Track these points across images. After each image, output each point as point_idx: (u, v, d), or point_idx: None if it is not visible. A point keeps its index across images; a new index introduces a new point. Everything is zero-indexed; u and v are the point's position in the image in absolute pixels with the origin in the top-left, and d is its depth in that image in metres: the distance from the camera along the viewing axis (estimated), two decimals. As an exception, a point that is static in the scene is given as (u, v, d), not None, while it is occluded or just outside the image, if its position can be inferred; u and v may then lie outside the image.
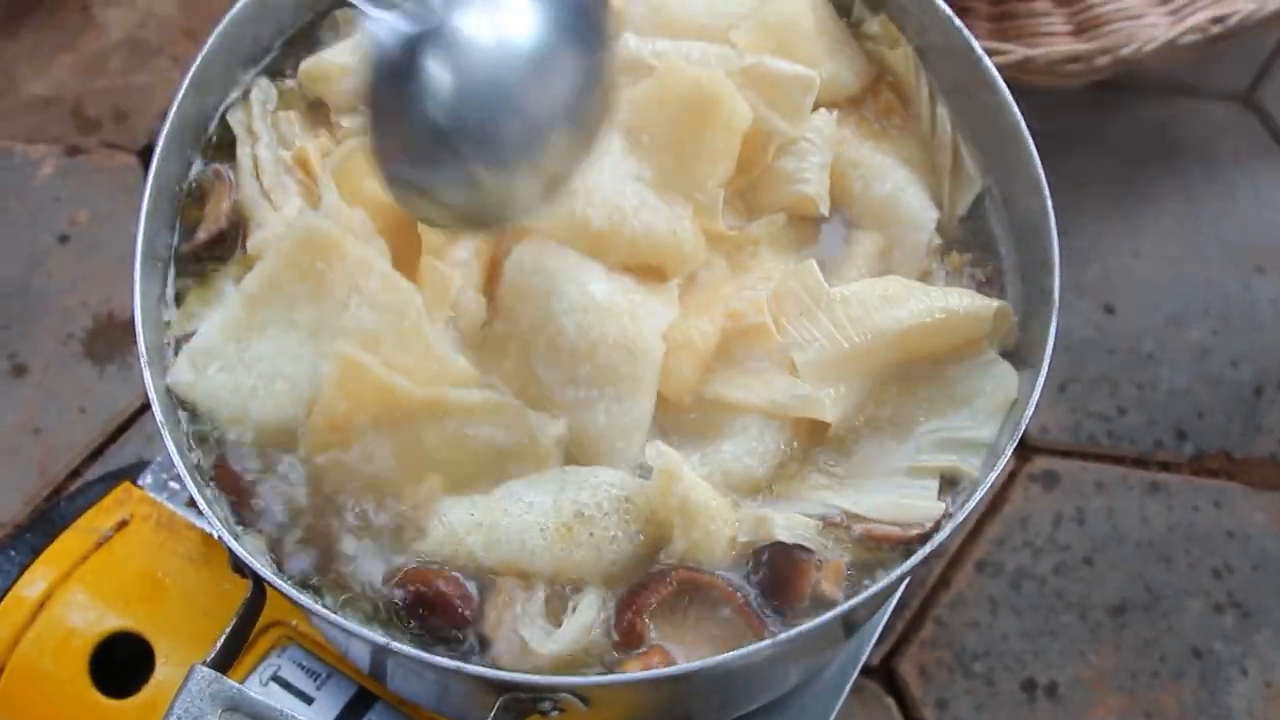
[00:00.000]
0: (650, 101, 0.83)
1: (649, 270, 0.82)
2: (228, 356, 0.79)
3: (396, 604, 0.73)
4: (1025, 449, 1.26)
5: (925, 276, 0.86)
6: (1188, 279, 1.35)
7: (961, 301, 0.81)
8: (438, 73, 0.66)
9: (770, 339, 0.79)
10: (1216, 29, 1.27)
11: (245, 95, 0.90)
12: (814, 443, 0.80)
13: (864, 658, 1.02)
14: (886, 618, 1.04)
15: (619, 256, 0.81)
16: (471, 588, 0.74)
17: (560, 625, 0.72)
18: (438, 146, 0.69)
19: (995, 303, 0.81)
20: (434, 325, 0.78)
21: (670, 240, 0.81)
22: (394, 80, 0.66)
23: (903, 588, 1.05)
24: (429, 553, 0.74)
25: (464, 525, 0.74)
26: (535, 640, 0.71)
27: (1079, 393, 1.29)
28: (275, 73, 0.92)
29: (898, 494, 0.77)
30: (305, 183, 0.86)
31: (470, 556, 0.74)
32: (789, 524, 0.74)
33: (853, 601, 0.71)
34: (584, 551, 0.74)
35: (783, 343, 0.79)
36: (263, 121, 0.88)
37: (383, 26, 0.65)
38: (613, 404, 0.76)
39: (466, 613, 0.72)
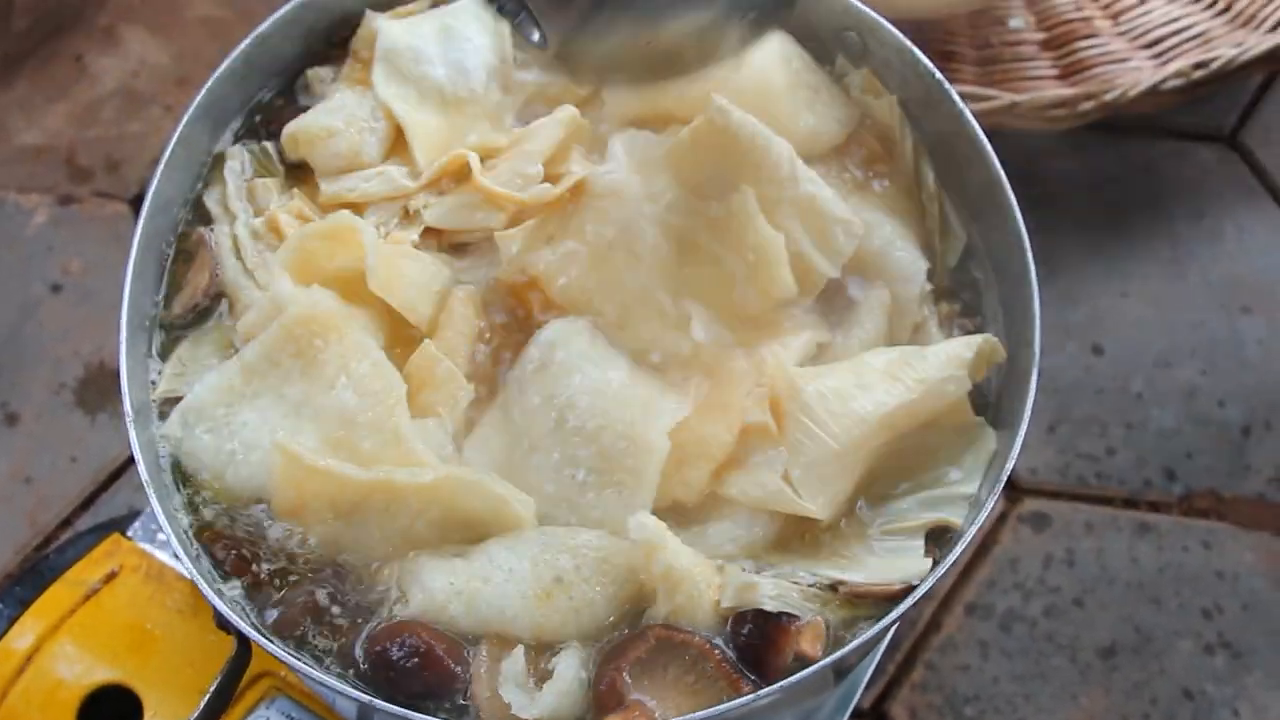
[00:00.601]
0: (710, 228, 0.84)
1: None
2: (216, 419, 0.80)
3: (385, 659, 0.73)
4: (1015, 490, 1.27)
5: (920, 325, 0.88)
6: (1175, 320, 1.36)
7: (936, 369, 0.81)
8: None
9: (770, 438, 0.79)
10: (1199, 73, 1.28)
11: (219, 166, 0.91)
12: (803, 526, 0.80)
13: (854, 701, 1.03)
14: (877, 661, 1.04)
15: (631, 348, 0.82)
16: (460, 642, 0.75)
17: (543, 684, 0.73)
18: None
19: (971, 352, 0.82)
20: (417, 414, 0.80)
21: (671, 354, 0.83)
22: None
23: (892, 632, 1.05)
24: (410, 619, 0.75)
25: (444, 593, 0.75)
26: (518, 705, 0.71)
27: (1068, 433, 1.30)
28: (254, 134, 0.93)
29: (886, 556, 0.78)
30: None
31: (451, 623, 0.75)
32: (776, 591, 0.75)
33: (832, 657, 0.72)
34: (562, 615, 0.74)
35: (779, 443, 0.79)
36: (239, 200, 0.89)
37: None
38: (611, 494, 0.77)
39: (457, 669, 0.73)
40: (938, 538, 0.80)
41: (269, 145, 0.92)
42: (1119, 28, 1.46)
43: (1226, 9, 1.45)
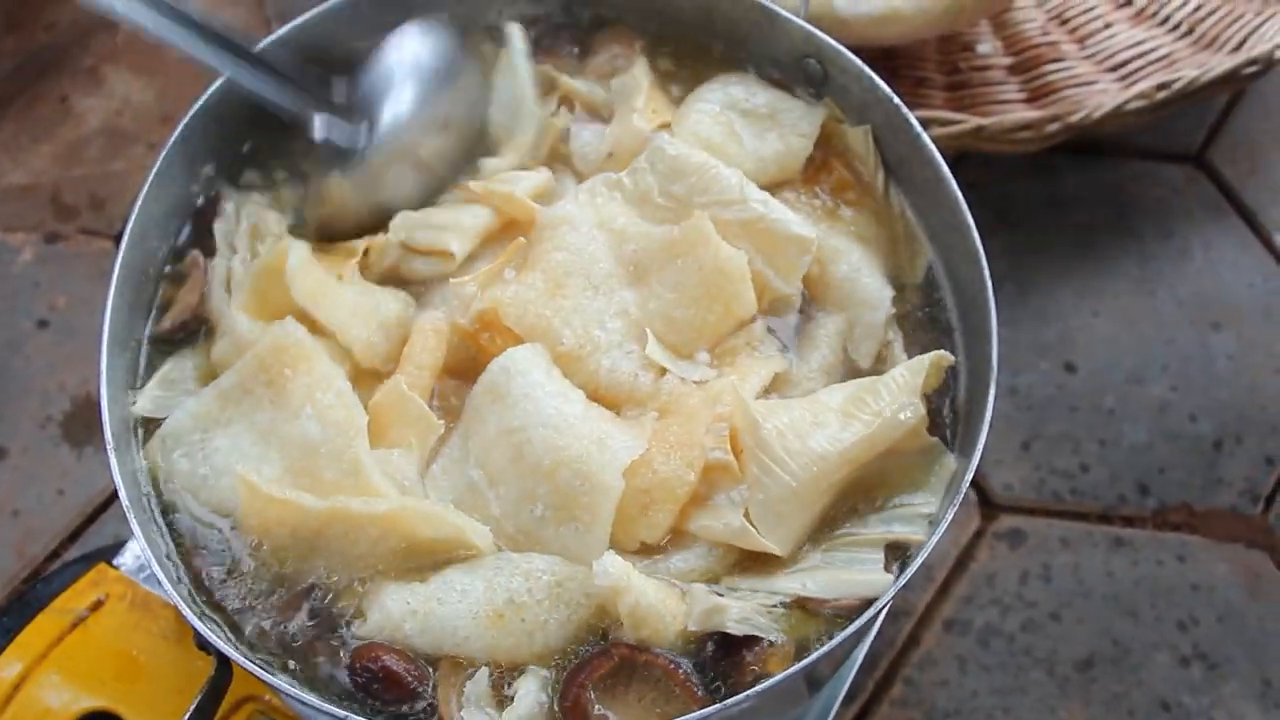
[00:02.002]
0: (666, 252, 0.86)
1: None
2: (192, 444, 0.82)
3: (354, 680, 0.75)
4: (991, 507, 1.28)
5: (885, 348, 0.90)
6: (1146, 337, 1.38)
7: (890, 400, 0.82)
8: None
9: (731, 475, 0.81)
10: (1161, 94, 1.31)
11: (217, 199, 0.93)
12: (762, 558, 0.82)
13: (832, 715, 1.04)
14: (854, 674, 1.05)
15: (578, 381, 0.84)
16: (423, 663, 0.76)
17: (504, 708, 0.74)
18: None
19: (920, 376, 0.83)
20: (387, 446, 0.82)
21: (627, 384, 0.84)
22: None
23: (867, 646, 1.06)
24: (366, 637, 0.76)
25: (400, 612, 0.76)
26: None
27: (1042, 450, 1.31)
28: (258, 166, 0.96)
29: (846, 570, 0.79)
30: None
31: (406, 641, 0.76)
32: (740, 615, 0.76)
33: (795, 668, 0.73)
34: (515, 637, 0.76)
35: (740, 480, 0.81)
36: (243, 239, 0.91)
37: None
38: (568, 530, 0.78)
39: (418, 688, 0.74)
40: (895, 557, 0.81)
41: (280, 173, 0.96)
42: (1085, 51, 1.48)
43: (1190, 32, 1.48)
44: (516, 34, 0.98)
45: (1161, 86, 1.31)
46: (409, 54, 0.92)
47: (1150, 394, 1.35)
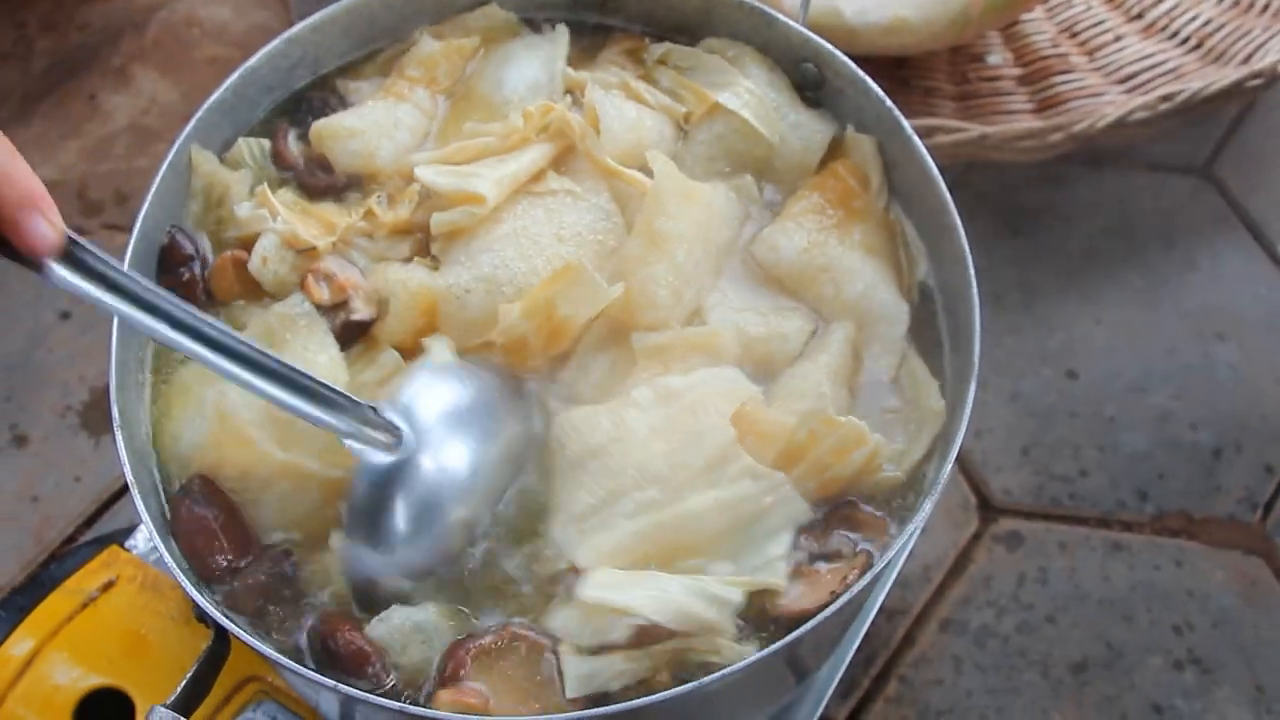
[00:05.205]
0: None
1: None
2: (191, 399, 0.86)
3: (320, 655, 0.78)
4: (990, 510, 1.30)
5: (905, 359, 0.91)
6: (1148, 346, 1.39)
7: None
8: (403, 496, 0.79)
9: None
10: (1165, 106, 1.32)
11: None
12: None
13: (820, 712, 1.06)
14: (845, 667, 1.07)
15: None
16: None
17: None
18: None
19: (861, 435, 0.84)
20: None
21: None
22: (375, 497, 0.79)
23: (859, 638, 1.08)
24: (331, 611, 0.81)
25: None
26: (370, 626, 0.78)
27: (1042, 456, 1.33)
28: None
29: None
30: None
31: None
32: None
33: (770, 650, 0.74)
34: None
35: None
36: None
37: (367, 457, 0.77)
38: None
39: (375, 666, 0.78)
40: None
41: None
42: (1094, 63, 1.50)
43: (1199, 45, 1.49)
44: (563, 30, 1.01)
45: (1165, 98, 1.33)
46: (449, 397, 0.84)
47: (1151, 402, 1.36)
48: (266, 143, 0.96)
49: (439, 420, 0.80)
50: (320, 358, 0.85)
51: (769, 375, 0.89)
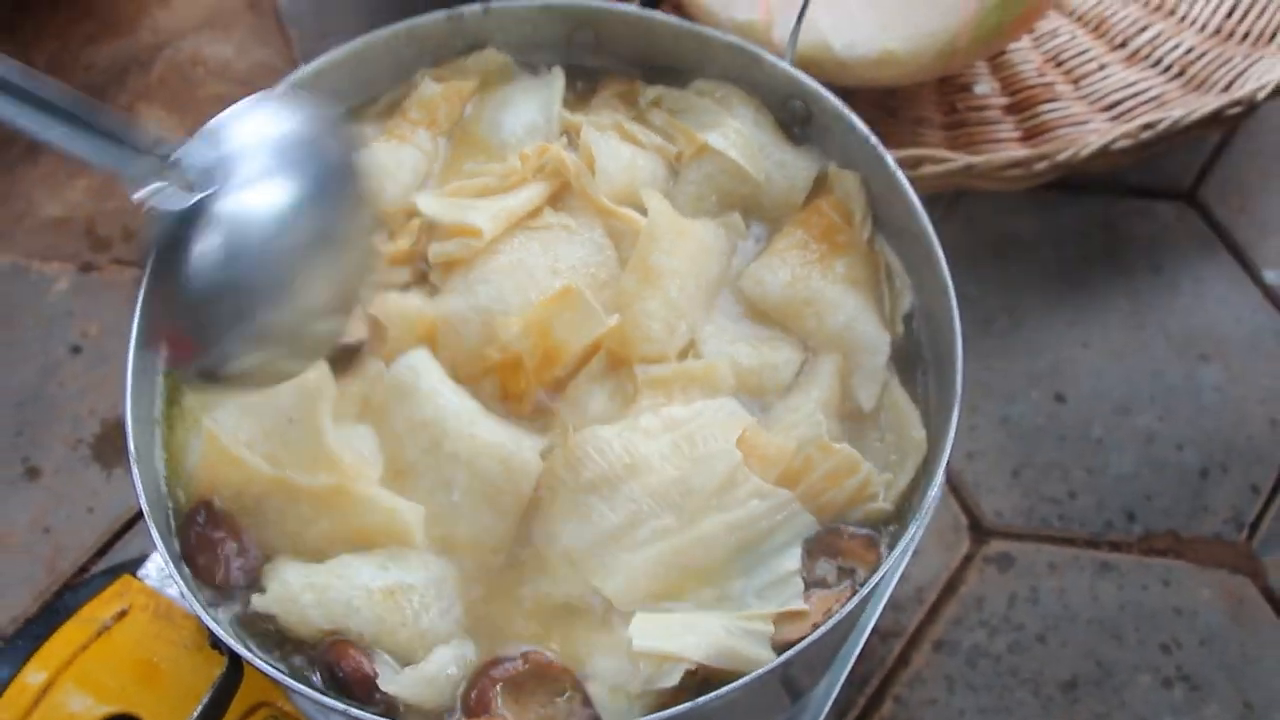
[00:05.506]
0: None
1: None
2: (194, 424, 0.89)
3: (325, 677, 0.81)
4: (981, 533, 1.33)
5: (886, 388, 0.94)
6: (1135, 368, 1.42)
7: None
8: (206, 242, 0.71)
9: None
10: (1146, 134, 1.35)
11: None
12: None
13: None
14: (840, 687, 1.09)
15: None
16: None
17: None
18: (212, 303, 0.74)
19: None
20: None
21: None
22: (171, 250, 0.72)
23: (854, 658, 1.11)
24: (264, 608, 0.83)
25: (299, 585, 0.82)
26: (384, 678, 0.79)
27: (1032, 478, 1.36)
28: None
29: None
30: None
31: (303, 613, 0.82)
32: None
33: (765, 669, 0.77)
34: (401, 616, 0.82)
35: None
36: None
37: (158, 201, 0.71)
38: (485, 513, 0.85)
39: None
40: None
41: None
42: (1079, 92, 1.53)
43: (1181, 73, 1.53)
44: (559, 73, 1.04)
45: (1147, 126, 1.36)
46: (271, 129, 0.77)
47: (1138, 424, 1.39)
48: None
49: (251, 154, 0.74)
50: (310, 374, 0.88)
51: (762, 404, 0.92)
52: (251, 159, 0.73)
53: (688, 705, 0.75)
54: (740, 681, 0.76)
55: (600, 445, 0.85)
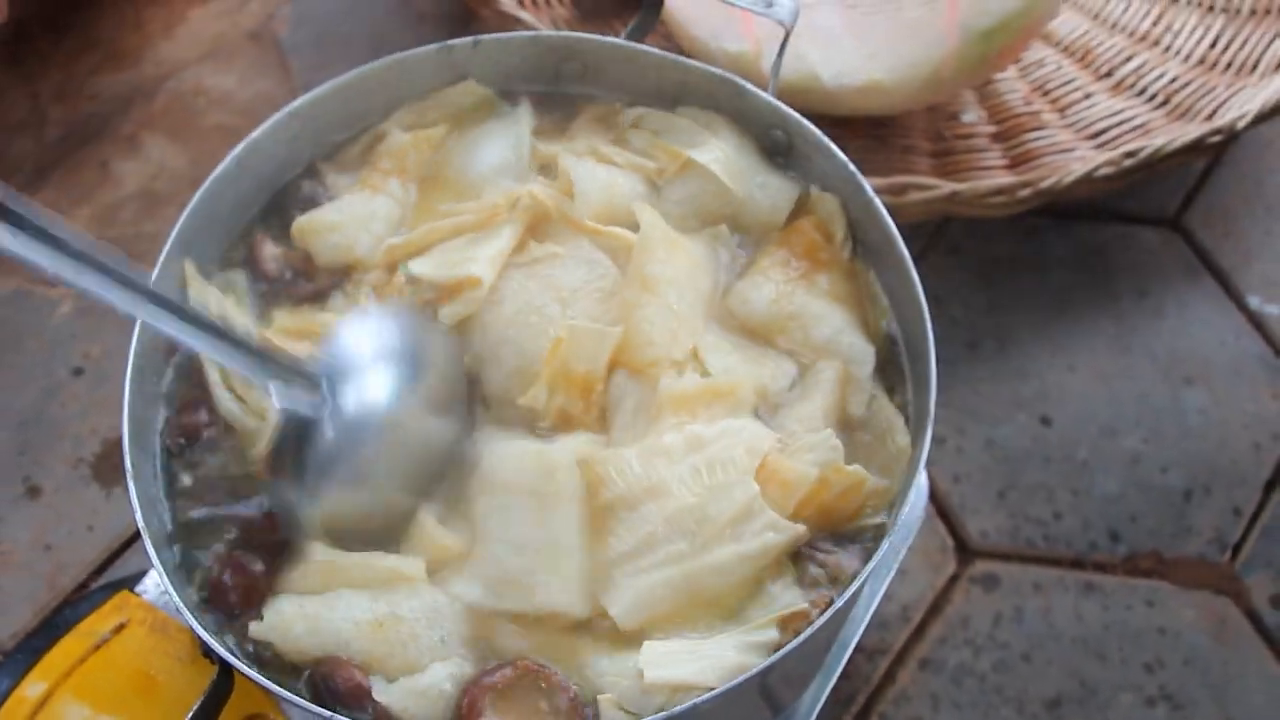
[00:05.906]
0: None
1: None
2: None
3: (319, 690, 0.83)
4: (967, 553, 1.34)
5: (873, 399, 0.96)
6: (1120, 391, 1.44)
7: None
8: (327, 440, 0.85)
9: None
10: (1129, 161, 1.38)
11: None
12: None
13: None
14: (823, 703, 1.11)
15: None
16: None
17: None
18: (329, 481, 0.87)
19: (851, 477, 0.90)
20: None
21: None
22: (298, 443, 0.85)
23: (837, 673, 1.12)
24: (260, 635, 0.85)
25: (293, 614, 0.85)
26: (377, 689, 0.81)
27: (1017, 499, 1.38)
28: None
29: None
30: None
31: (296, 641, 0.84)
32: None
33: (747, 675, 0.79)
34: (390, 646, 0.84)
35: None
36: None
37: (290, 405, 0.83)
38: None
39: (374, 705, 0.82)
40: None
41: (237, 275, 1.02)
42: (1065, 120, 1.56)
43: (1165, 102, 1.56)
44: (526, 108, 1.07)
45: (1129, 154, 1.38)
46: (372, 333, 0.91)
47: (1123, 446, 1.41)
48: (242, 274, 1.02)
49: (363, 364, 0.87)
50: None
51: (767, 414, 0.94)
52: (366, 367, 0.87)
53: (661, 715, 0.76)
54: (713, 693, 0.77)
55: (621, 466, 0.87)
